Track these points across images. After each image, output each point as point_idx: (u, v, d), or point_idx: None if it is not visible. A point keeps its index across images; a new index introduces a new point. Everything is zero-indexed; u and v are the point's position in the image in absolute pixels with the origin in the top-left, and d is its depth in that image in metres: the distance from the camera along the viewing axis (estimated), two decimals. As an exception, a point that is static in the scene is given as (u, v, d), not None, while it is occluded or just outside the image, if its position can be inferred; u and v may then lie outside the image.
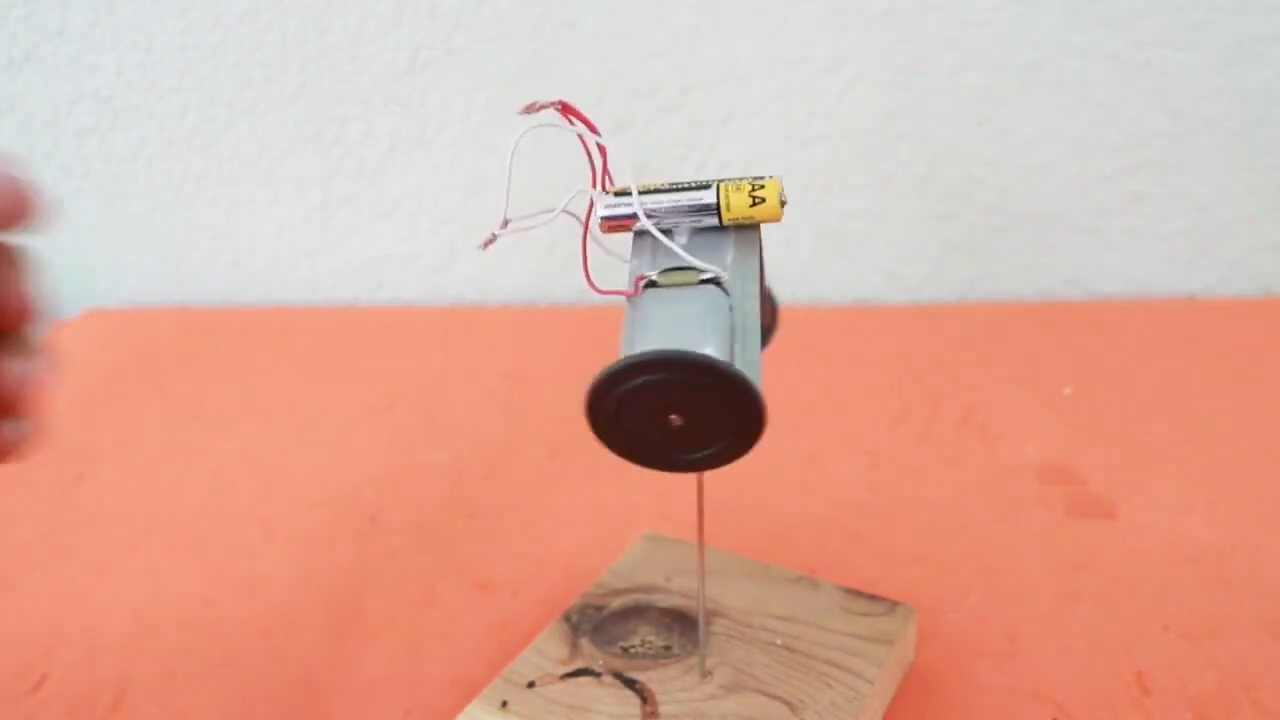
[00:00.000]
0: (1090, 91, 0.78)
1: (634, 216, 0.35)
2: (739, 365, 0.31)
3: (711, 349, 0.30)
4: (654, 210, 0.35)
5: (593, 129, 0.34)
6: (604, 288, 0.34)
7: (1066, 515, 0.54)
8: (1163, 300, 0.83)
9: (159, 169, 0.85)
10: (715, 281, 0.33)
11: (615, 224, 0.35)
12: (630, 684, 0.39)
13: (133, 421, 0.68)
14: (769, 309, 0.42)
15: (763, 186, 0.34)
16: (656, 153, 0.82)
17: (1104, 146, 0.79)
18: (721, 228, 0.35)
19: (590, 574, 0.48)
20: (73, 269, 0.90)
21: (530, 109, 0.33)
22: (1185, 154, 0.79)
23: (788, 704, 0.38)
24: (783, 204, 0.34)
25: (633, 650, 0.41)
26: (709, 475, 0.39)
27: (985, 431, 0.63)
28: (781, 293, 0.36)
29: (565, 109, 0.33)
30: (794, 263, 0.84)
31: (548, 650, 0.41)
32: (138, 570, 0.53)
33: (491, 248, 0.35)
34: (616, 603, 0.44)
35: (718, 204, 0.34)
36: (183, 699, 0.44)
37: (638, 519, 0.55)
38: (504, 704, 0.38)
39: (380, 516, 0.57)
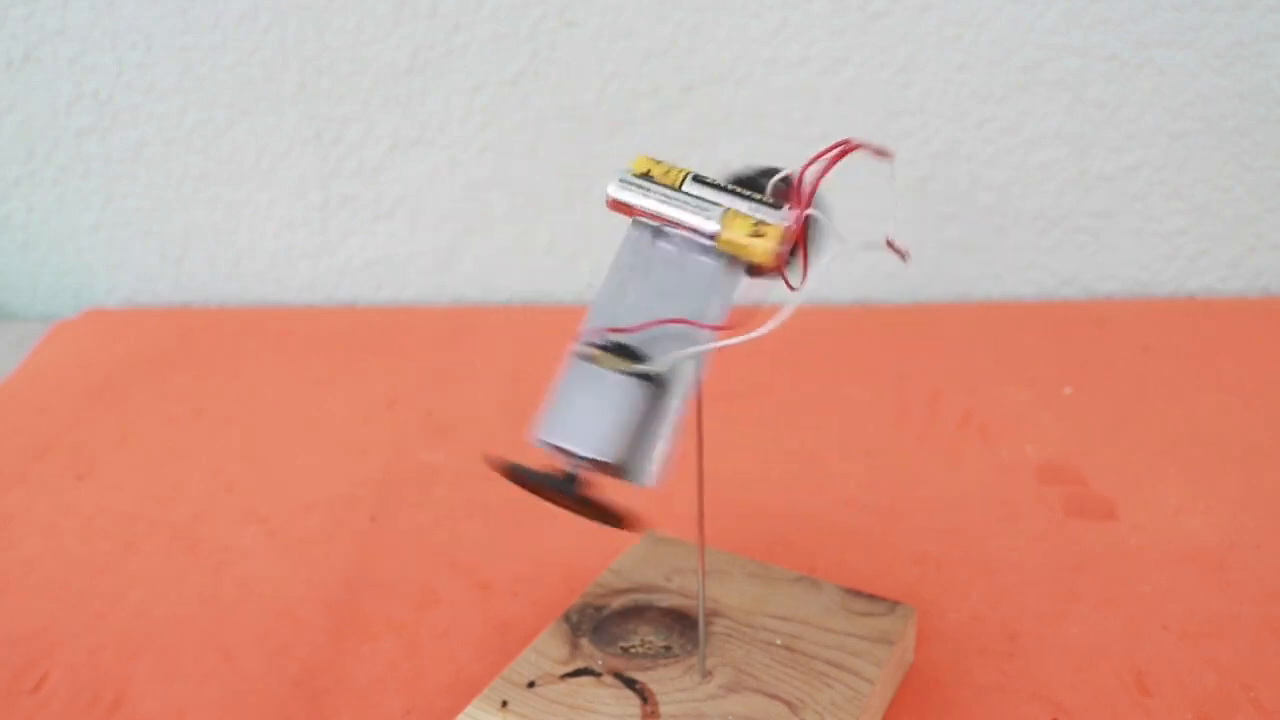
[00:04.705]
0: (1090, 91, 0.78)
1: (640, 209, 0.34)
2: (641, 469, 0.33)
3: (601, 454, 0.32)
4: (658, 212, 0.34)
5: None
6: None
7: (1066, 515, 0.54)
8: (1163, 300, 0.83)
9: (158, 169, 0.85)
10: (650, 376, 0.33)
11: (620, 206, 0.35)
12: (630, 684, 0.39)
13: (133, 421, 0.68)
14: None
15: (768, 225, 0.33)
16: (656, 153, 0.82)
17: (1104, 146, 0.79)
18: (715, 251, 0.34)
19: (590, 574, 0.48)
20: (73, 269, 0.90)
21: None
22: (1185, 154, 0.79)
23: (788, 704, 0.38)
24: (782, 252, 0.33)
25: (633, 650, 0.41)
26: (709, 475, 0.39)
27: (985, 431, 0.63)
28: (781, 293, 0.36)
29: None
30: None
31: (548, 650, 0.41)
32: (138, 570, 0.53)
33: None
34: (616, 603, 0.44)
35: (719, 231, 0.34)
36: (183, 699, 0.44)
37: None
38: (504, 704, 0.38)
39: (380, 516, 0.57)
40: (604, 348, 0.33)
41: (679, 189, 0.35)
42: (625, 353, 0.33)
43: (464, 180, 0.84)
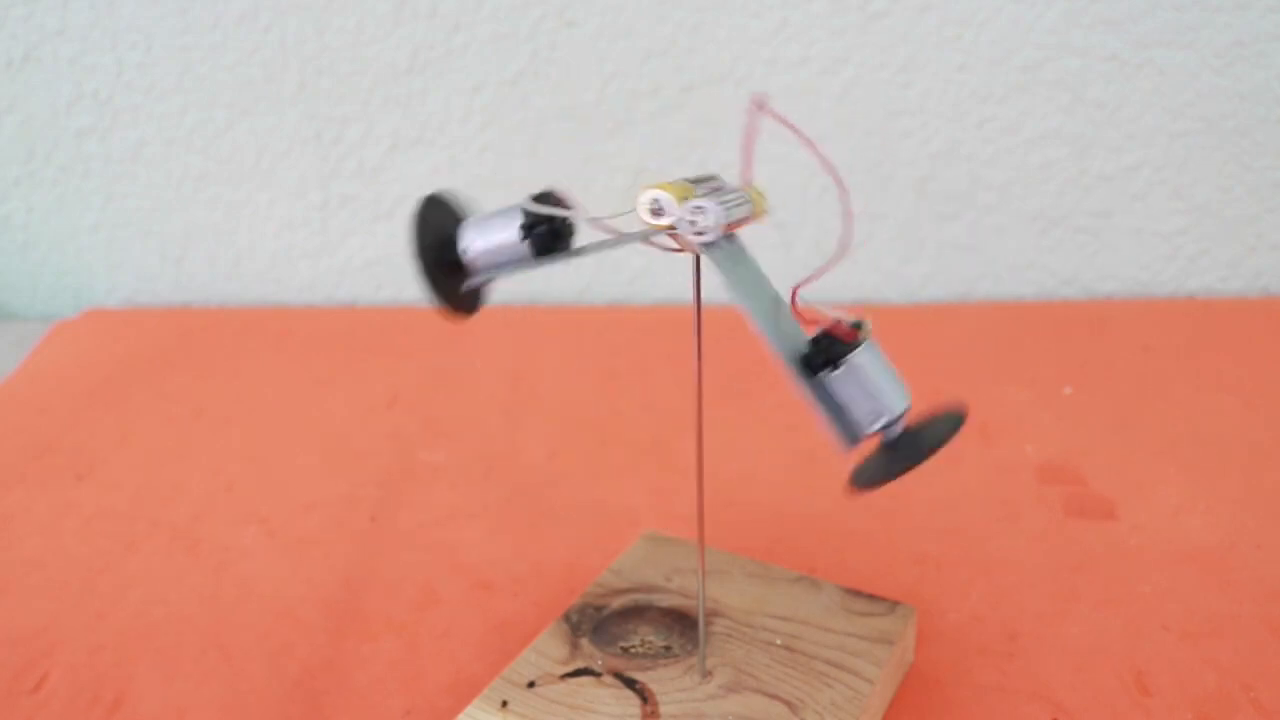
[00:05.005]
0: (1090, 91, 0.78)
1: (737, 223, 0.35)
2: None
3: (909, 398, 0.36)
4: (740, 219, 0.35)
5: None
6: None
7: (1066, 515, 0.54)
8: (1163, 300, 0.83)
9: (158, 169, 0.85)
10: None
11: (732, 227, 0.35)
12: (630, 684, 0.39)
13: (133, 421, 0.68)
14: None
15: (755, 189, 0.36)
16: (656, 153, 0.82)
17: (1104, 146, 0.79)
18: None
19: (590, 574, 0.48)
20: (73, 269, 0.90)
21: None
22: (1185, 154, 0.79)
23: (788, 704, 0.38)
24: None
25: (633, 650, 0.41)
26: (709, 475, 0.39)
27: (985, 431, 0.63)
28: (782, 292, 0.36)
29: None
30: (794, 263, 0.84)
31: (548, 650, 0.41)
32: (138, 570, 0.53)
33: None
34: (616, 603, 0.44)
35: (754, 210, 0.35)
36: (183, 699, 0.44)
37: (638, 519, 0.55)
38: (504, 704, 0.38)
39: (380, 516, 0.57)
40: (848, 329, 0.36)
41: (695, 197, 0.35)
42: (848, 324, 0.36)
43: (464, 180, 0.84)
